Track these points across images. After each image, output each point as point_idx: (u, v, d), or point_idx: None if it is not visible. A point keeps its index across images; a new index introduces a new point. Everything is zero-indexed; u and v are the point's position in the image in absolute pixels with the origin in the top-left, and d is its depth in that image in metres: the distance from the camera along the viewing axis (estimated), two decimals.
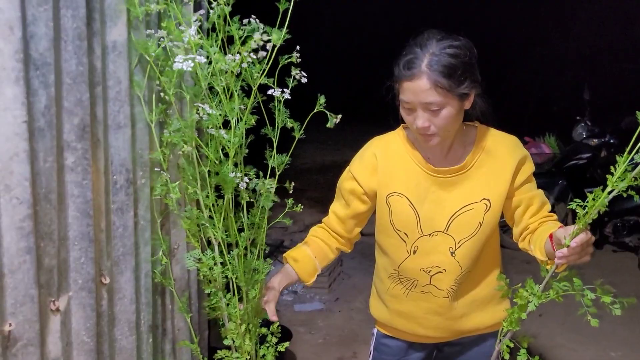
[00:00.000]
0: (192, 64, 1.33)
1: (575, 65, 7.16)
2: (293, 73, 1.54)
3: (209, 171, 1.45)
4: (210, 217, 1.47)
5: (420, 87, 1.25)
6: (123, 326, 1.48)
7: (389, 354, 1.56)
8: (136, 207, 1.49)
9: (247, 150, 1.54)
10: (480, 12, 7.97)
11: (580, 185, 4.04)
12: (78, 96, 1.27)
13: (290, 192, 1.67)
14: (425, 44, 1.28)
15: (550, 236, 1.26)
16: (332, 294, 3.84)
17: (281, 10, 1.41)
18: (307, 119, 1.60)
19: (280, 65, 1.55)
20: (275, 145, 1.64)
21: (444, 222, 1.39)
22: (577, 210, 1.10)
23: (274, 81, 1.48)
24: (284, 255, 1.57)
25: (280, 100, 1.58)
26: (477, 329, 1.49)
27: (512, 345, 1.19)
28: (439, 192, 1.39)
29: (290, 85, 1.50)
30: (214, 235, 1.45)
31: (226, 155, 1.50)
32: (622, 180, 1.04)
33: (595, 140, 4.13)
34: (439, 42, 1.27)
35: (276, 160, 1.58)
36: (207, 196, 1.46)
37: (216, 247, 1.46)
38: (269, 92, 1.57)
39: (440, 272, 1.41)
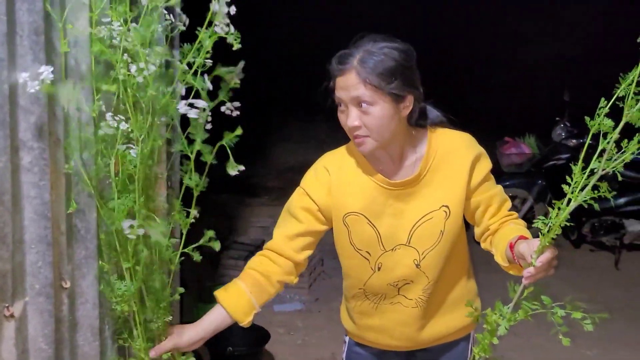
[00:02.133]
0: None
1: (558, 67, 7.22)
2: (224, 107, 1.38)
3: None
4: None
5: (350, 82, 1.24)
6: (86, 332, 1.43)
7: None
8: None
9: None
10: (465, 13, 7.99)
11: (559, 185, 4.06)
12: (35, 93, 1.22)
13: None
14: (361, 43, 1.27)
15: (511, 245, 1.24)
16: (312, 294, 3.81)
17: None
18: (216, 147, 1.42)
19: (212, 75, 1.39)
20: (192, 161, 1.44)
21: (405, 235, 1.35)
22: (540, 228, 1.08)
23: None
24: (215, 293, 1.38)
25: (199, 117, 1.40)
26: (448, 333, 1.47)
27: None
28: (396, 205, 1.35)
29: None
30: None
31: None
32: (581, 191, 1.02)
33: (574, 141, 4.15)
34: (376, 42, 1.26)
35: (193, 181, 1.43)
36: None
37: (126, 276, 1.36)
38: (178, 107, 1.42)
39: (408, 283, 1.39)
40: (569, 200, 1.06)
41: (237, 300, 1.36)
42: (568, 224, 1.06)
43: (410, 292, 1.40)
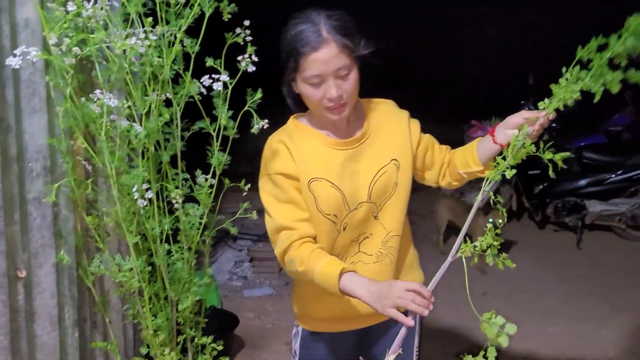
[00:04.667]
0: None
1: (525, 50, 7.32)
2: (243, 59, 1.45)
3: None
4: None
5: (329, 54, 1.26)
6: (44, 321, 1.41)
7: (318, 349, 1.53)
8: (56, 196, 1.41)
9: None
10: None
11: (523, 168, 4.14)
12: None
13: (245, 194, 1.63)
14: (311, 17, 1.28)
15: (492, 133, 1.34)
16: (282, 279, 3.82)
17: None
18: (240, 115, 1.53)
19: (227, 45, 1.47)
20: (217, 141, 1.55)
21: (365, 193, 1.40)
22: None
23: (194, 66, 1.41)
24: (341, 271, 1.28)
25: (221, 91, 1.50)
26: None
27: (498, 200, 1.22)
28: (352, 165, 1.40)
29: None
30: (128, 239, 1.37)
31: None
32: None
33: None
34: (321, 12, 1.29)
35: (216, 159, 1.51)
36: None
37: (132, 251, 1.38)
38: (202, 80, 1.49)
39: (367, 237, 1.43)
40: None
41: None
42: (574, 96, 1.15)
43: (370, 246, 1.43)
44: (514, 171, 1.20)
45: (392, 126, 1.44)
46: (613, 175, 4.16)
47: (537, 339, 3.02)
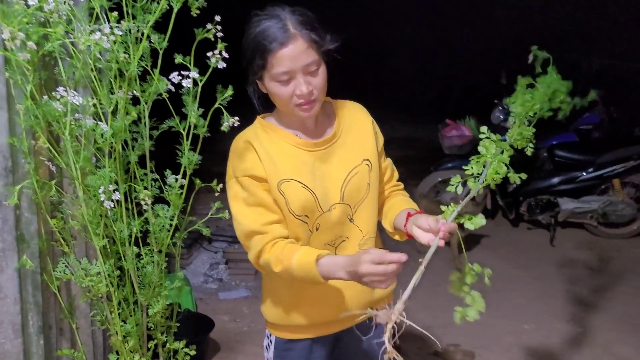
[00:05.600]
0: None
1: (499, 50, 7.41)
2: (213, 55, 1.42)
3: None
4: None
5: (298, 49, 1.23)
6: (6, 329, 1.35)
7: (293, 357, 1.48)
8: (18, 198, 1.35)
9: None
10: None
11: None
12: None
13: (217, 194, 1.60)
14: (274, 14, 1.26)
15: (408, 215, 1.33)
16: (258, 281, 3.78)
17: None
18: (210, 113, 1.50)
19: (196, 41, 1.44)
20: (188, 140, 1.52)
21: (338, 194, 1.38)
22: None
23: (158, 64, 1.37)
24: (317, 259, 1.26)
25: (190, 88, 1.47)
26: (383, 296, 1.48)
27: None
28: (322, 167, 1.37)
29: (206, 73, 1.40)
30: (94, 243, 1.33)
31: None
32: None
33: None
34: (284, 7, 1.27)
35: (186, 159, 1.48)
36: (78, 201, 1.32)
37: (99, 255, 1.34)
38: (170, 77, 1.45)
39: (344, 240, 1.41)
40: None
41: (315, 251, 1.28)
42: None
43: (347, 250, 1.41)
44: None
45: (360, 127, 1.43)
46: (584, 173, 4.24)
47: (511, 336, 3.05)
